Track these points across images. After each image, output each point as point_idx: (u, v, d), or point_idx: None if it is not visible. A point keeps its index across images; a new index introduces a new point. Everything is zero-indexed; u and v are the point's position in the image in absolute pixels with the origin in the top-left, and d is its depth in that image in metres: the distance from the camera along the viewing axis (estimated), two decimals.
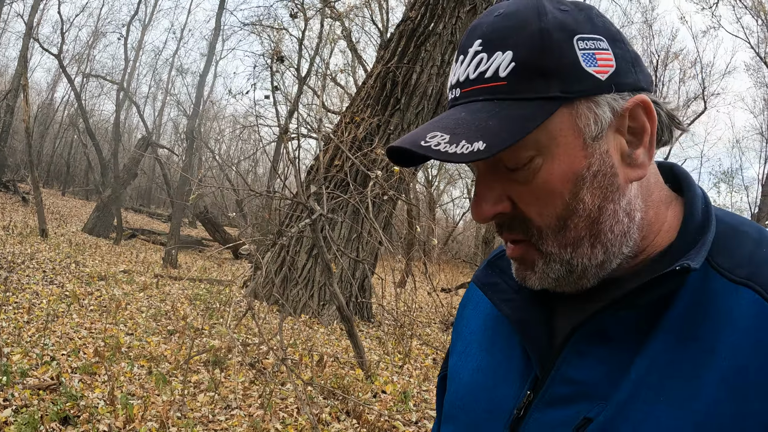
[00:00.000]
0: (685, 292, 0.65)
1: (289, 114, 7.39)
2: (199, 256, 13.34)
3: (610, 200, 0.67)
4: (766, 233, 0.70)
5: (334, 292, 5.67)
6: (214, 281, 8.55)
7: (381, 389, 5.06)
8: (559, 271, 0.69)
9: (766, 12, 22.91)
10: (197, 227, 19.05)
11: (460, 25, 8.12)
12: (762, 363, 0.59)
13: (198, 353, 4.19)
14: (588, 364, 0.68)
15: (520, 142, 0.62)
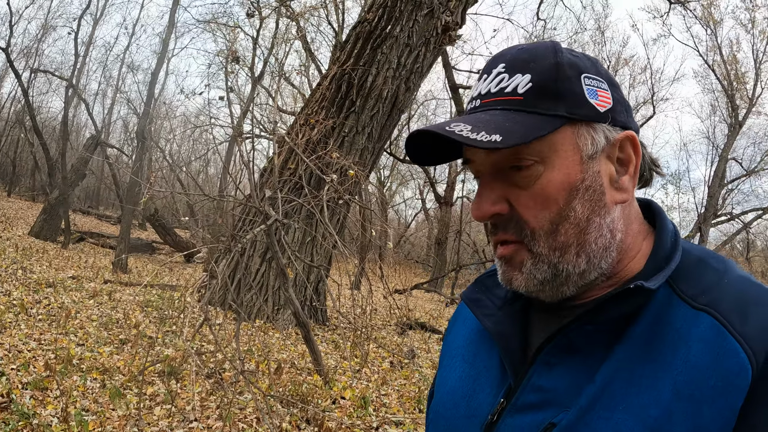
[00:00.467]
0: (648, 313, 0.74)
1: (243, 114, 7.33)
2: (149, 260, 13.04)
3: (597, 214, 0.77)
4: (730, 266, 0.78)
5: (289, 297, 5.67)
6: (167, 287, 8.39)
7: (340, 395, 5.09)
8: (546, 274, 0.77)
9: (715, 22, 24.08)
10: (147, 229, 18.60)
11: (417, 29, 8.20)
12: (716, 380, 0.67)
13: (152, 364, 4.12)
14: (556, 374, 0.76)
15: (526, 148, 0.74)
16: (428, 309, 15.31)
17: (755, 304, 0.71)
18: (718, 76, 26.10)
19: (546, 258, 0.77)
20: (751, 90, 25.85)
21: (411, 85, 9.01)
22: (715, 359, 0.68)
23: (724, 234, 30.68)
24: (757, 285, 0.75)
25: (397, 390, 5.95)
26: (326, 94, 8.38)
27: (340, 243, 6.57)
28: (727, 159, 26.45)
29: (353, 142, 8.59)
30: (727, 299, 0.72)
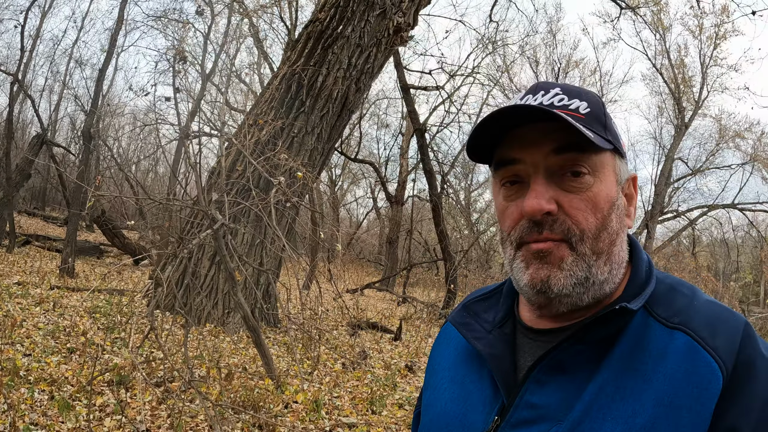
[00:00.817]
0: (629, 333, 0.85)
1: (192, 113, 7.24)
2: (97, 263, 12.70)
3: (622, 231, 0.91)
4: (697, 292, 0.91)
5: (238, 301, 5.67)
6: (115, 291, 8.23)
7: (292, 399, 5.15)
8: (584, 273, 0.86)
9: (665, 27, 25.08)
10: (95, 231, 18.04)
11: (369, 29, 8.28)
12: (692, 389, 0.78)
13: (101, 373, 4.09)
14: (547, 391, 0.85)
15: (584, 158, 0.86)
16: (380, 308, 15.43)
17: (722, 322, 0.84)
18: (666, 80, 27.23)
19: (587, 259, 0.86)
20: (698, 93, 27.05)
21: (361, 85, 9.09)
22: (691, 370, 0.79)
23: (670, 230, 31.96)
24: (722, 306, 0.88)
25: (350, 392, 6.04)
26: (275, 94, 8.37)
27: (289, 246, 6.60)
28: (673, 159, 27.59)
29: (302, 143, 8.61)
30: (697, 319, 0.84)
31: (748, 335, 0.82)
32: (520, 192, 0.89)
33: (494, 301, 1.04)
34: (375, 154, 34.06)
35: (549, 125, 0.86)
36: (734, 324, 0.83)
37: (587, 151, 0.86)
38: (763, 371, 0.79)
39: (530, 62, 27.40)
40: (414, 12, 8.84)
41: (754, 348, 0.81)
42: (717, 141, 28.80)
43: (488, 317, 1.00)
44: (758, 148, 27.33)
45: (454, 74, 17.34)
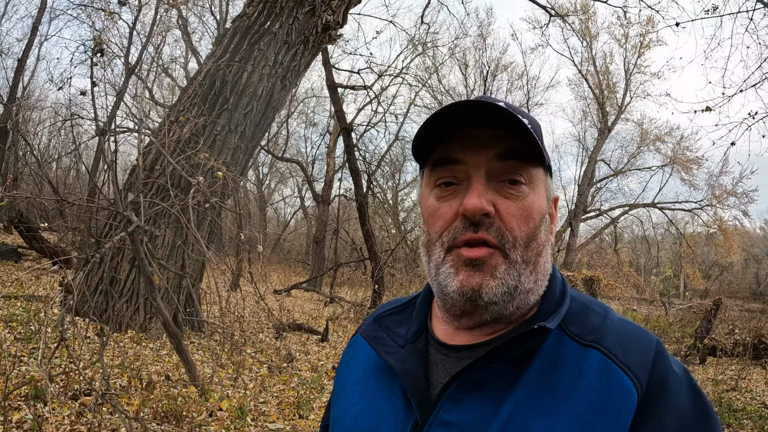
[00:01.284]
0: (544, 351, 0.87)
1: (114, 107, 6.99)
2: (15, 267, 12.01)
3: (548, 244, 0.95)
4: (609, 311, 0.96)
5: (158, 307, 5.58)
6: (32, 298, 7.86)
7: (217, 407, 5.13)
8: (514, 282, 0.88)
9: (591, 36, 26.30)
10: (13, 233, 16.95)
11: (297, 26, 8.27)
12: (607, 406, 0.81)
13: (17, 387, 3.95)
14: (462, 409, 0.86)
15: (523, 167, 0.90)
16: (307, 309, 15.41)
17: (635, 340, 0.88)
18: (591, 85, 28.64)
19: (518, 267, 0.88)
20: (621, 99, 28.66)
21: (287, 83, 9.06)
22: (606, 387, 0.82)
23: (593, 228, 33.57)
24: (634, 325, 0.92)
25: (276, 396, 6.06)
26: (199, 90, 8.23)
27: (205, 248, 6.52)
28: (596, 160, 29.01)
29: (225, 141, 8.50)
30: (610, 337, 0.88)
31: (660, 352, 0.87)
32: (456, 194, 0.90)
33: (407, 315, 1.04)
34: (302, 153, 33.91)
35: (496, 132, 0.89)
36: (647, 342, 0.88)
37: (527, 162, 0.90)
38: (676, 386, 0.84)
39: (459, 65, 28.06)
40: (344, 11, 8.89)
41: (666, 365, 0.86)
42: (638, 144, 30.59)
43: (401, 331, 1.00)
44: (677, 151, 29.18)
45: (382, 74, 17.51)
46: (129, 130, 6.85)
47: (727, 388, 9.23)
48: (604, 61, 28.25)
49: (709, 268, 40.17)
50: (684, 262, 30.98)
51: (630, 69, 27.82)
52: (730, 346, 12.73)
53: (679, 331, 16.02)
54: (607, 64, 28.24)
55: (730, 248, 29.74)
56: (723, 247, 29.87)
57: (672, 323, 17.71)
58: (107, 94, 10.50)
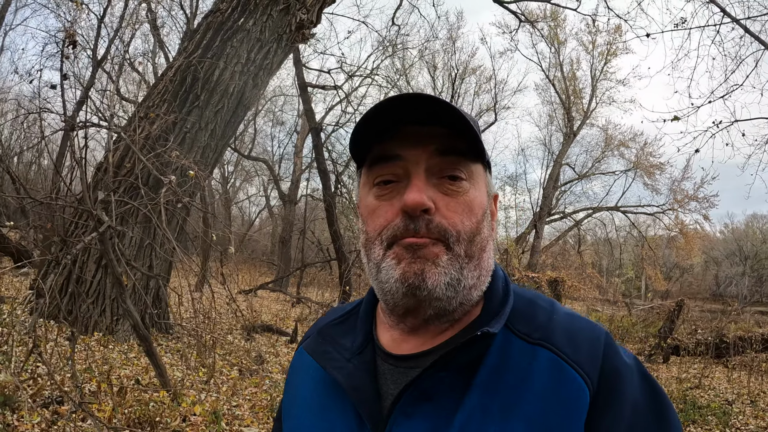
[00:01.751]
0: (492, 354, 0.85)
1: (79, 102, 6.73)
2: None
3: (490, 241, 0.93)
4: (555, 305, 0.93)
5: (127, 309, 5.42)
6: None
7: (190, 411, 5.01)
8: (456, 273, 0.86)
9: (560, 42, 26.72)
10: None
11: (271, 24, 8.16)
12: (560, 406, 0.79)
13: None
14: (415, 422, 0.83)
15: (463, 163, 0.89)
16: (275, 310, 15.28)
17: (583, 334, 0.86)
18: (558, 90, 29.13)
19: (460, 259, 0.86)
20: (587, 104, 29.26)
21: (259, 81, 8.94)
22: (557, 386, 0.81)
23: (557, 230, 34.11)
24: (581, 318, 0.91)
25: (249, 399, 5.96)
26: (169, 86, 8.05)
27: (179, 249, 6.38)
28: (561, 164, 29.51)
29: (195, 139, 8.34)
30: (558, 333, 0.86)
31: (609, 345, 0.86)
32: (395, 192, 0.88)
33: (351, 325, 1.00)
34: (269, 152, 33.63)
35: (434, 129, 0.87)
36: (595, 335, 0.87)
37: (467, 158, 0.89)
38: (628, 377, 0.84)
39: (428, 67, 28.19)
40: (318, 10, 8.82)
41: (617, 357, 0.85)
42: (603, 149, 31.28)
43: (346, 343, 0.96)
44: (641, 156, 29.93)
45: (353, 74, 17.47)
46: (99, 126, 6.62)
47: (690, 386, 9.44)
48: (572, 67, 28.84)
49: (670, 270, 41.23)
50: (646, 264, 31.70)
51: (596, 75, 28.46)
52: (693, 345, 13.05)
53: (643, 330, 16.34)
54: (574, 70, 28.85)
55: (690, 251, 30.60)
56: (684, 249, 30.70)
57: (635, 323, 18.05)
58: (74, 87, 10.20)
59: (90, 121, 5.52)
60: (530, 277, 19.15)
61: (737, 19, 9.69)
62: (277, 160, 31.67)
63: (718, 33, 9.87)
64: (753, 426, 7.28)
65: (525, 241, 28.65)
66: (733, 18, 9.62)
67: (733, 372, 11.46)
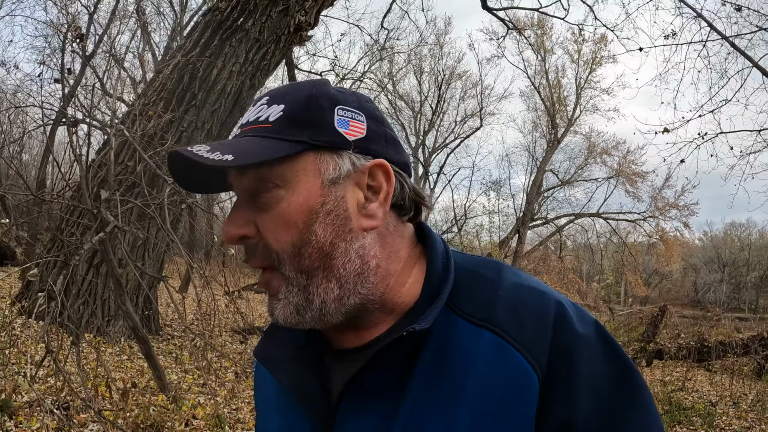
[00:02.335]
0: (432, 340, 0.78)
1: (69, 97, 6.54)
2: None
3: (342, 239, 0.79)
4: (503, 272, 0.84)
5: (127, 311, 5.29)
6: None
7: (191, 415, 4.92)
8: (298, 298, 0.78)
9: (546, 50, 26.93)
10: None
11: (270, 24, 8.08)
12: (506, 394, 0.73)
13: None
14: (362, 419, 0.79)
15: (269, 172, 0.77)
16: (261, 311, 15.13)
17: (529, 309, 0.78)
18: (543, 98, 29.41)
19: (295, 281, 0.78)
20: (571, 112, 29.54)
21: (256, 82, 8.85)
22: (501, 373, 0.74)
23: (539, 236, 34.34)
24: (529, 289, 0.81)
25: (248, 402, 5.86)
26: (167, 84, 7.93)
27: (182, 250, 6.26)
28: (544, 170, 29.77)
29: (191, 138, 8.22)
30: (503, 311, 0.78)
31: (560, 318, 0.77)
32: None
33: None
34: None
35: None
36: (543, 309, 0.78)
37: (265, 167, 0.78)
38: (584, 352, 0.76)
39: (415, 71, 28.26)
40: (316, 12, 8.75)
41: (570, 330, 0.77)
42: (586, 156, 31.65)
43: (290, 343, 0.91)
44: (623, 164, 30.34)
45: (344, 77, 17.44)
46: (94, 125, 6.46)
47: (674, 389, 9.59)
48: (557, 75, 29.14)
49: (650, 276, 41.77)
50: (626, 270, 32.09)
51: (581, 84, 28.79)
52: (675, 349, 13.24)
53: (626, 335, 16.52)
54: (559, 78, 29.15)
55: (670, 257, 31.04)
56: (664, 256, 31.13)
57: (618, 328, 18.26)
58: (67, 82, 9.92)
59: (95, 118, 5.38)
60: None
61: (725, 35, 9.84)
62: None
63: (705, 46, 10.02)
64: (736, 426, 7.46)
65: (508, 246, 28.80)
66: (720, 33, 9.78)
67: (715, 375, 11.65)
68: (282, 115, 0.79)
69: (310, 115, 0.79)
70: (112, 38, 16.12)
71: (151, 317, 8.46)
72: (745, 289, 43.58)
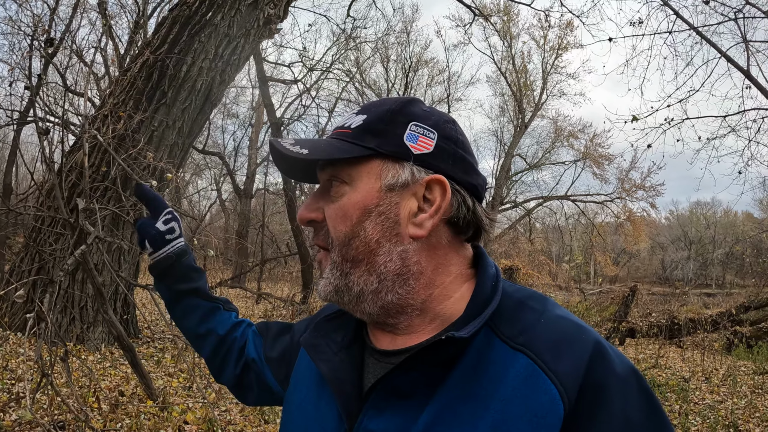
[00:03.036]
0: (469, 354, 0.81)
1: (32, 98, 6.30)
2: None
3: (388, 240, 0.86)
4: (548, 306, 0.86)
5: (110, 320, 5.18)
6: None
7: (182, 420, 4.86)
8: (339, 281, 0.88)
9: (512, 36, 27.03)
10: None
11: (239, 18, 7.93)
12: (530, 416, 0.75)
13: None
14: (385, 417, 0.83)
15: (340, 170, 0.89)
16: (239, 307, 15.01)
17: (569, 342, 0.79)
18: (509, 83, 29.61)
19: (339, 266, 0.88)
20: (538, 97, 29.80)
21: (226, 77, 8.69)
22: (528, 395, 0.75)
23: (509, 219, 34.70)
24: (572, 322, 0.83)
25: (236, 404, 5.81)
26: (136, 82, 7.74)
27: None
28: (512, 155, 30.06)
29: (162, 138, 8.05)
30: (542, 338, 0.80)
31: (598, 355, 0.78)
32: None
33: (345, 320, 1.00)
34: (219, 144, 32.94)
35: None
36: (582, 344, 0.79)
37: (337, 165, 0.89)
38: (618, 392, 0.76)
39: (382, 59, 28.15)
40: (285, 4, 8.62)
41: (606, 368, 0.78)
42: (553, 140, 32.03)
43: (337, 337, 0.97)
44: (590, 147, 30.85)
45: (312, 68, 17.26)
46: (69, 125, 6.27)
47: (648, 366, 9.83)
48: (523, 61, 29.35)
49: (618, 255, 42.65)
50: (595, 250, 32.70)
51: (547, 69, 29.08)
52: (647, 327, 13.55)
53: (597, 315, 16.81)
54: (525, 63, 29.38)
55: (638, 237, 31.73)
56: (631, 235, 31.81)
57: (589, 307, 18.55)
58: (18, 80, 9.58)
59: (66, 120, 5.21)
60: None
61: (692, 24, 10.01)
62: (231, 152, 31.05)
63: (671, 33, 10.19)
64: (709, 400, 7.67)
65: None
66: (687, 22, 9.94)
67: (686, 351, 11.96)
68: (362, 124, 0.90)
69: (384, 127, 0.89)
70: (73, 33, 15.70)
71: (130, 321, 8.32)
72: (711, 265, 44.82)
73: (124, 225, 7.38)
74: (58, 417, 3.96)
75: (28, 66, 4.87)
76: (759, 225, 35.81)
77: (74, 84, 13.78)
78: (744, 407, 7.28)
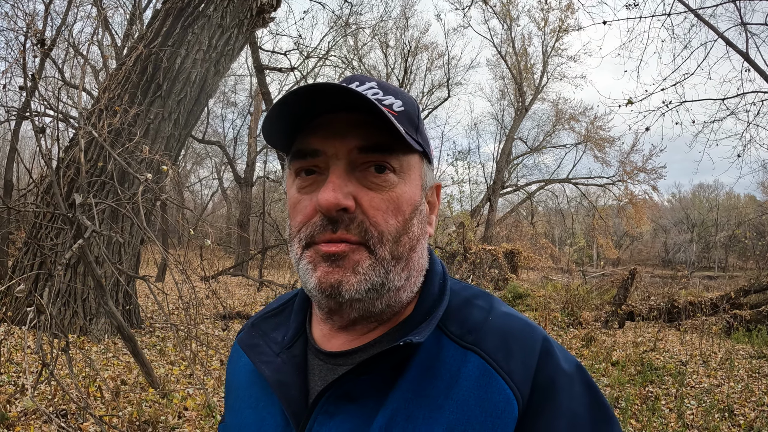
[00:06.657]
0: (420, 355, 0.80)
1: (30, 92, 6.38)
2: None
3: (423, 238, 0.87)
4: (495, 303, 0.87)
5: (111, 311, 5.34)
6: None
7: (182, 407, 5.02)
8: (380, 279, 0.80)
9: (512, 18, 26.94)
10: None
11: (232, 9, 8.01)
12: (485, 417, 0.75)
13: None
14: (336, 422, 0.80)
15: (388, 155, 0.81)
16: (240, 295, 15.20)
17: (517, 340, 0.80)
18: (510, 66, 29.51)
19: (385, 263, 0.80)
20: (538, 80, 29.73)
21: (221, 68, 8.79)
22: (483, 396, 0.76)
23: (510, 203, 34.80)
24: (519, 320, 0.84)
25: None
26: (131, 76, 7.84)
27: (161, 248, 6.29)
28: (513, 138, 30.02)
29: (159, 130, 8.18)
30: (491, 337, 0.80)
31: (546, 352, 0.80)
32: (317, 184, 0.82)
33: (284, 318, 0.96)
34: (219, 133, 33.03)
35: (357, 117, 0.80)
36: (531, 341, 0.81)
37: (395, 152, 0.81)
38: (566, 388, 0.78)
39: (381, 44, 28.08)
40: None
41: (554, 365, 0.79)
42: (554, 123, 32.01)
43: (277, 337, 0.93)
44: (591, 130, 30.77)
45: (309, 55, 17.26)
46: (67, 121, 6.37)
47: (646, 349, 9.89)
48: (523, 44, 29.30)
49: (621, 238, 42.74)
50: (597, 233, 32.79)
51: (548, 52, 28.96)
52: (646, 311, 13.62)
53: (598, 298, 16.87)
54: (525, 46, 29.32)
55: (640, 220, 31.77)
56: (633, 218, 31.84)
57: (591, 291, 18.60)
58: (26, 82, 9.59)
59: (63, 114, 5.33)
60: (487, 250, 19.45)
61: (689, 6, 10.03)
62: (230, 141, 31.16)
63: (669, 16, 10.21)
64: (706, 384, 7.71)
65: (479, 215, 29.12)
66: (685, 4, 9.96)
67: (685, 335, 12.02)
68: (403, 109, 0.85)
69: (420, 124, 0.88)
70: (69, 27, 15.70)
71: (132, 311, 8.49)
72: (714, 248, 44.77)
73: (122, 218, 7.53)
74: (60, 406, 4.12)
75: (23, 64, 4.94)
76: (760, 207, 35.80)
77: (72, 77, 13.86)
78: (740, 391, 7.31)
